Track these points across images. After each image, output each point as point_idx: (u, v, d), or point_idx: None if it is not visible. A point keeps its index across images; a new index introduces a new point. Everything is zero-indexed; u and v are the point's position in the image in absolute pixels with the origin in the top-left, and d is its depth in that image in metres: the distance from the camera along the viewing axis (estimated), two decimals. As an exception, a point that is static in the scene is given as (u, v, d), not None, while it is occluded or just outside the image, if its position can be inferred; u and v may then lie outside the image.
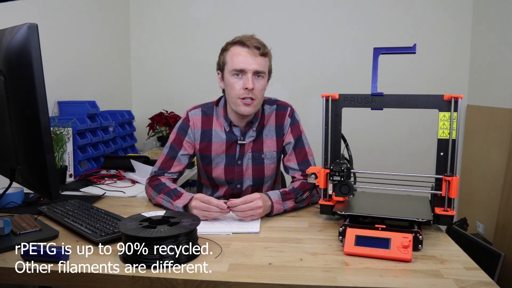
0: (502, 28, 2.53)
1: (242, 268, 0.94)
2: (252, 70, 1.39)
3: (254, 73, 1.40)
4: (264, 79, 1.45)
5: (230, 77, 1.42)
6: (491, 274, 2.08)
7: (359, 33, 2.97)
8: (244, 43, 1.40)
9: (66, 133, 1.85)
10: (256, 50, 1.40)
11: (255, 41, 1.41)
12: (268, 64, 1.46)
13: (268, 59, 1.46)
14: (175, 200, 1.34)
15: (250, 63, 1.39)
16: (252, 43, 1.40)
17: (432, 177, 1.17)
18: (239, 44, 1.42)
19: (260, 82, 1.43)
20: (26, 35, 0.90)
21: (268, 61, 1.45)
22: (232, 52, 1.42)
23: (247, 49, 1.40)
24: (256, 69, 1.40)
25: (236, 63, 1.40)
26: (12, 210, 1.34)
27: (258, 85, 1.42)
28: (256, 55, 1.40)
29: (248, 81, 1.39)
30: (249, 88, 1.39)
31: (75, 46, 2.37)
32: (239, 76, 1.41)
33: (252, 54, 1.40)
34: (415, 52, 1.14)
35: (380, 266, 0.96)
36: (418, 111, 1.21)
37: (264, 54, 1.42)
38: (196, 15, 3.07)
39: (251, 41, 1.40)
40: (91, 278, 0.92)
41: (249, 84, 1.39)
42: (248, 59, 1.39)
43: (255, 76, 1.41)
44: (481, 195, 2.66)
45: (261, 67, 1.41)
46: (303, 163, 1.50)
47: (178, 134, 1.54)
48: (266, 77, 1.46)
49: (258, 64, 1.40)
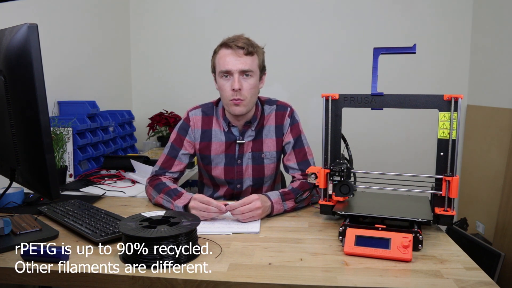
0: (502, 28, 2.53)
1: (242, 268, 0.94)
2: (237, 71, 1.41)
3: (240, 73, 1.41)
4: (253, 78, 1.44)
5: (220, 79, 1.45)
6: (491, 274, 2.08)
7: (359, 33, 2.97)
8: (228, 44, 1.42)
9: (66, 133, 1.85)
10: (240, 50, 1.41)
11: (240, 41, 1.42)
12: (257, 62, 1.46)
13: (257, 56, 1.45)
14: (175, 200, 1.34)
15: (234, 63, 1.41)
16: (236, 43, 1.41)
17: (432, 177, 1.17)
18: (224, 46, 1.44)
19: (248, 81, 1.43)
20: (26, 35, 0.90)
21: (256, 59, 1.45)
22: (219, 54, 1.45)
23: (231, 50, 1.42)
24: (241, 68, 1.41)
25: (222, 65, 1.42)
26: (12, 210, 1.34)
27: (247, 84, 1.43)
28: (240, 55, 1.41)
29: (235, 81, 1.41)
30: (235, 88, 1.40)
31: (75, 46, 2.37)
32: (227, 77, 1.43)
33: (236, 55, 1.41)
34: (415, 52, 1.14)
35: (380, 266, 0.96)
36: (418, 111, 1.20)
37: (250, 53, 1.42)
38: (196, 15, 3.07)
39: (236, 41, 1.42)
40: (91, 278, 0.91)
41: (235, 85, 1.40)
42: (233, 60, 1.41)
43: (242, 76, 1.42)
44: (481, 195, 2.66)
45: (246, 66, 1.41)
46: (303, 163, 1.51)
47: (179, 133, 1.55)
48: (255, 75, 1.45)
49: (243, 63, 1.41)
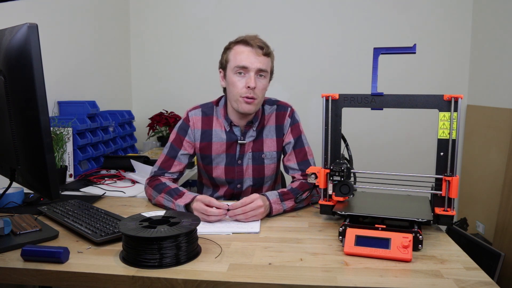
0: (502, 28, 2.53)
1: (242, 268, 0.94)
2: (255, 69, 1.41)
3: (256, 72, 1.42)
4: (266, 79, 1.46)
5: (233, 75, 1.44)
6: (491, 274, 2.08)
7: (359, 33, 2.97)
8: (248, 42, 1.43)
9: (66, 133, 1.85)
10: (259, 50, 1.42)
11: (259, 41, 1.44)
12: (271, 64, 1.48)
13: (271, 59, 1.47)
14: (176, 199, 1.34)
15: (253, 61, 1.41)
16: (255, 42, 1.42)
17: (432, 177, 1.17)
18: (242, 43, 1.44)
19: (261, 81, 1.44)
20: (26, 35, 0.90)
21: (270, 61, 1.47)
22: (235, 50, 1.44)
23: (250, 48, 1.42)
24: (259, 67, 1.41)
25: (239, 60, 1.42)
26: (12, 210, 1.34)
27: (260, 84, 1.44)
28: (259, 54, 1.42)
29: (251, 79, 1.41)
30: (251, 86, 1.40)
31: (75, 46, 2.37)
32: (242, 74, 1.43)
33: (255, 53, 1.41)
34: (415, 52, 1.14)
35: (380, 266, 0.96)
36: (418, 111, 1.21)
37: (267, 54, 1.44)
38: (196, 15, 3.07)
39: (255, 40, 1.43)
40: (91, 278, 0.91)
41: (252, 83, 1.40)
42: (251, 58, 1.41)
43: (257, 75, 1.43)
44: (481, 195, 2.66)
45: (264, 66, 1.42)
46: (303, 163, 1.51)
47: (178, 134, 1.54)
48: (268, 77, 1.47)
49: (261, 63, 1.42)
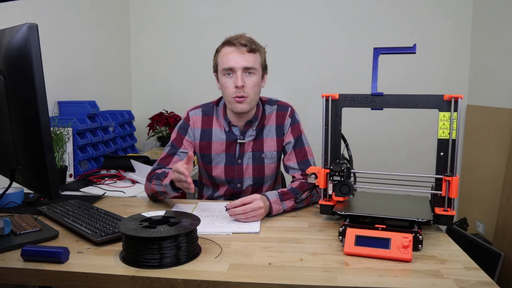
0: (502, 28, 2.53)
1: (242, 268, 0.94)
2: (240, 68, 1.42)
3: (243, 70, 1.42)
4: (256, 75, 1.46)
5: (223, 77, 1.46)
6: (491, 274, 2.08)
7: (359, 33, 2.97)
8: (231, 42, 1.44)
9: (66, 133, 1.85)
10: (243, 47, 1.42)
11: (243, 39, 1.44)
12: (260, 60, 1.47)
13: (259, 54, 1.47)
14: (163, 181, 1.36)
15: (238, 60, 1.42)
16: (238, 41, 1.43)
17: (432, 177, 1.17)
18: (227, 44, 1.45)
19: (251, 78, 1.44)
20: (26, 35, 0.90)
21: (259, 57, 1.47)
22: (222, 52, 1.46)
23: (234, 47, 1.43)
24: (244, 65, 1.42)
25: (225, 62, 1.43)
26: (12, 210, 1.34)
27: (249, 81, 1.44)
28: (243, 52, 1.42)
29: (238, 78, 1.41)
30: (239, 85, 1.41)
31: (75, 46, 2.37)
32: (230, 75, 1.44)
33: (239, 52, 1.42)
34: (415, 52, 1.14)
35: (380, 266, 0.96)
36: (418, 111, 1.21)
37: (252, 51, 1.44)
38: (196, 15, 3.07)
39: (239, 39, 1.43)
40: (91, 278, 0.91)
41: (239, 82, 1.41)
42: (236, 57, 1.42)
43: (245, 73, 1.43)
44: (481, 195, 2.66)
45: (249, 63, 1.42)
46: (303, 163, 1.51)
47: (179, 133, 1.56)
48: (258, 73, 1.47)
49: (246, 60, 1.42)
